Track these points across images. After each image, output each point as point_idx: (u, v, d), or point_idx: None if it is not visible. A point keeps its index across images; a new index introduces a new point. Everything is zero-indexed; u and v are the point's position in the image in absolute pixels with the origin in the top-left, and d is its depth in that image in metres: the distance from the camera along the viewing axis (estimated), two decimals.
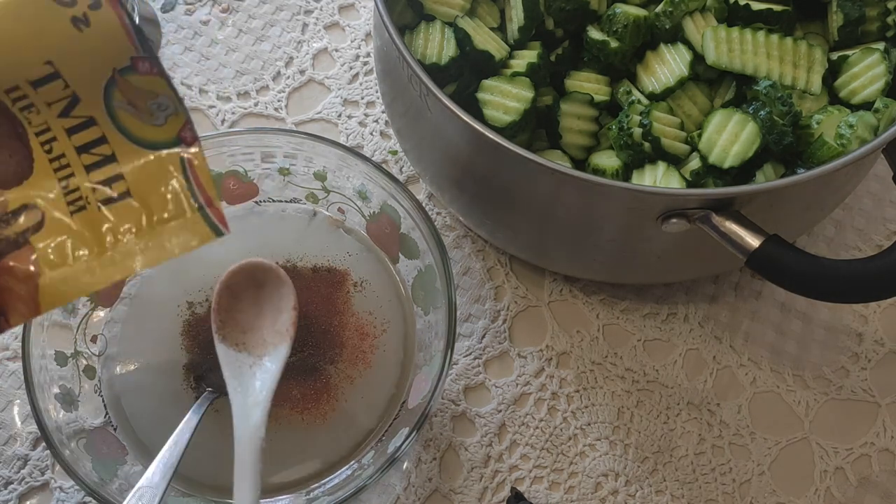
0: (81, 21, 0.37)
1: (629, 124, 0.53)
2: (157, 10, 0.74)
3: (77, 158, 0.38)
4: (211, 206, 0.40)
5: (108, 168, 0.39)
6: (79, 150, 0.39)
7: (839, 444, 0.60)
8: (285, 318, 0.48)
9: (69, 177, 0.38)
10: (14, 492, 0.56)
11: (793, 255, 0.45)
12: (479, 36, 0.56)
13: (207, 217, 0.40)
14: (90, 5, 0.37)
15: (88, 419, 0.52)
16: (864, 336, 0.63)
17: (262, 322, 0.48)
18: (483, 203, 0.57)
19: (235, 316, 0.48)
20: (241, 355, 0.47)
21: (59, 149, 0.38)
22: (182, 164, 0.40)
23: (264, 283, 0.49)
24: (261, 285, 0.49)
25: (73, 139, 0.38)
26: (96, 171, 0.39)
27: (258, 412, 0.45)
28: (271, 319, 0.48)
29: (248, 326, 0.48)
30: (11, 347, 0.60)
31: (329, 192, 0.60)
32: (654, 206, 0.48)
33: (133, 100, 0.39)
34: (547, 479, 0.58)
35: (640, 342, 0.62)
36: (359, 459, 0.53)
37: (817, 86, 0.55)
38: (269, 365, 0.46)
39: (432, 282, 0.54)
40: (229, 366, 0.46)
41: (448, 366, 0.50)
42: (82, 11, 0.37)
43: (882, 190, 0.68)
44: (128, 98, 0.39)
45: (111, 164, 0.39)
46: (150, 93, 0.39)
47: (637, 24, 0.56)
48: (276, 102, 0.71)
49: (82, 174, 0.38)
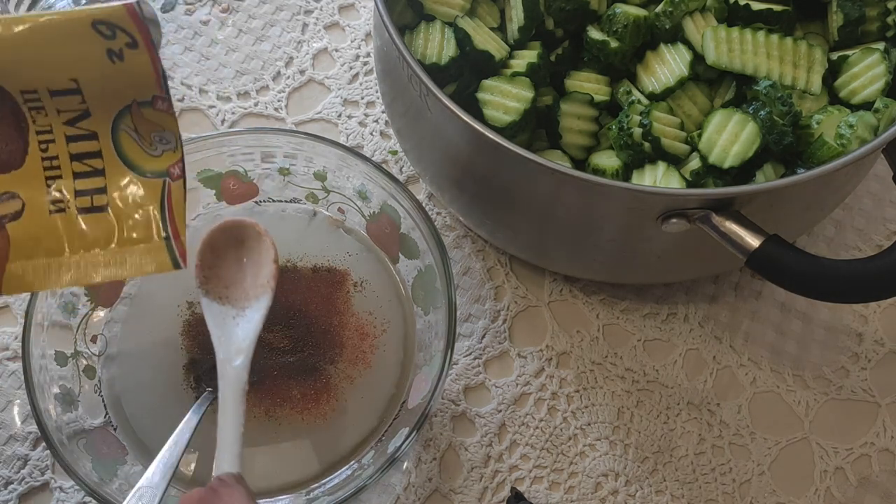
0: (116, 55, 0.39)
1: (629, 124, 0.53)
2: (157, 10, 0.74)
3: (69, 164, 0.40)
4: (177, 238, 0.43)
5: (95, 180, 0.41)
6: (72, 157, 0.40)
7: (839, 444, 0.60)
8: (266, 271, 0.49)
9: (57, 178, 0.40)
10: (14, 492, 0.56)
11: (793, 255, 0.45)
12: (479, 36, 0.56)
13: (171, 248, 0.42)
14: (128, 43, 0.39)
15: (88, 419, 0.52)
16: (864, 336, 0.63)
17: (244, 276, 0.50)
18: (483, 203, 0.57)
19: (218, 272, 0.49)
20: (224, 308, 0.48)
21: (55, 151, 0.40)
22: (162, 194, 0.42)
23: (244, 239, 0.50)
24: (241, 242, 0.50)
25: (71, 146, 0.40)
26: (83, 180, 0.41)
27: (241, 358, 0.46)
28: (253, 273, 0.50)
29: (230, 281, 0.49)
30: (11, 347, 0.60)
31: (329, 192, 0.60)
32: (654, 206, 0.48)
33: (140, 128, 0.41)
34: (547, 479, 0.58)
35: (640, 342, 0.62)
36: (359, 459, 0.53)
37: (817, 86, 0.55)
38: (251, 315, 0.48)
39: (432, 282, 0.54)
40: (213, 318, 0.48)
41: (448, 366, 0.50)
42: (119, 47, 0.39)
43: (882, 190, 0.68)
44: (136, 125, 0.41)
45: (99, 177, 0.41)
46: (158, 126, 0.41)
47: (637, 24, 0.56)
48: (276, 102, 0.71)
49: (70, 179, 0.40)
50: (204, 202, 0.60)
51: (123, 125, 0.41)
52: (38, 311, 0.51)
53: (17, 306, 0.62)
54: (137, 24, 0.39)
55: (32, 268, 0.40)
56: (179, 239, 0.43)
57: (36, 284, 0.42)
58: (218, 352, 0.47)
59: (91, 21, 0.38)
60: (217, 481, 0.41)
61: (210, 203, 0.60)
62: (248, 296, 0.49)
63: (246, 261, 0.50)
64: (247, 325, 0.48)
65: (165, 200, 0.42)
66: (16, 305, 0.62)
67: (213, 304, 0.48)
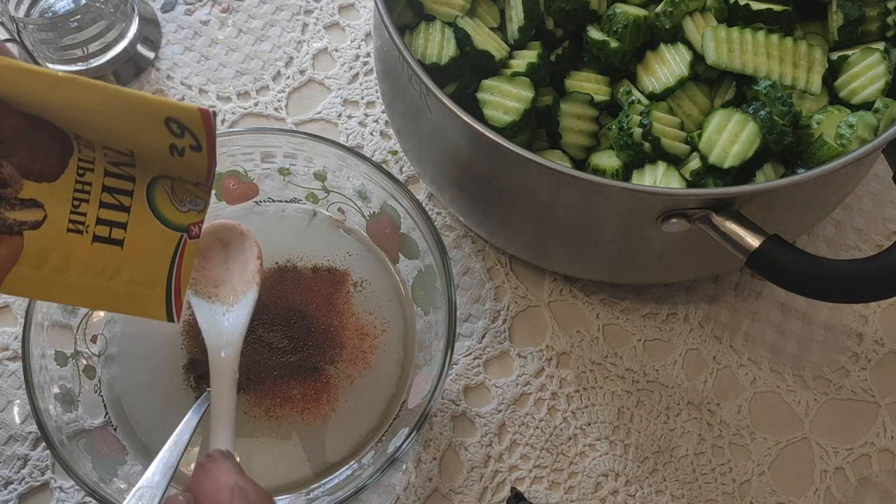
0: (178, 151, 0.40)
1: (629, 124, 0.53)
2: (157, 10, 0.74)
3: (99, 193, 0.42)
4: (177, 295, 0.45)
5: (119, 214, 0.42)
6: (104, 188, 0.42)
7: (839, 444, 0.60)
8: (251, 267, 0.51)
9: (83, 202, 0.41)
10: (14, 492, 0.56)
11: (793, 255, 0.45)
12: (479, 36, 0.56)
13: (169, 302, 0.45)
14: (192, 146, 0.40)
15: (88, 419, 0.52)
16: (864, 336, 0.63)
17: (232, 275, 0.52)
18: (483, 203, 0.57)
19: (206, 273, 0.51)
20: (214, 305, 0.50)
21: (90, 178, 0.41)
22: (177, 247, 0.44)
23: (229, 241, 0.52)
24: (226, 243, 0.52)
25: (106, 180, 0.42)
26: (108, 211, 0.42)
27: (231, 350, 0.49)
28: (239, 271, 0.52)
29: (218, 280, 0.51)
30: (11, 347, 0.60)
31: (329, 192, 0.60)
32: (654, 206, 0.48)
33: (177, 190, 0.43)
34: (547, 479, 0.58)
35: (640, 342, 0.62)
36: (359, 459, 0.53)
37: (817, 86, 0.55)
38: (239, 310, 0.50)
39: (432, 282, 0.54)
40: (203, 315, 0.50)
41: (448, 366, 0.50)
42: (183, 146, 0.40)
43: (882, 190, 0.68)
44: (174, 187, 0.43)
45: (123, 213, 0.42)
46: (194, 193, 0.44)
47: (637, 24, 0.56)
48: (276, 102, 0.71)
49: (95, 207, 0.42)
50: None
51: (162, 182, 0.43)
52: (38, 311, 0.51)
53: (17, 306, 0.62)
54: (207, 131, 0.40)
55: (35, 278, 0.41)
56: (179, 296, 0.45)
57: (34, 294, 0.44)
58: (209, 345, 0.49)
59: (165, 117, 0.39)
60: (205, 458, 0.41)
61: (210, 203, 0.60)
62: (235, 292, 0.51)
63: (231, 260, 0.52)
64: (235, 320, 0.50)
65: (178, 255, 0.44)
66: (16, 305, 0.62)
67: (202, 302, 0.50)
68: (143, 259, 0.43)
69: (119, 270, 0.43)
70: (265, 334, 0.54)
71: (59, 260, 0.41)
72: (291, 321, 0.55)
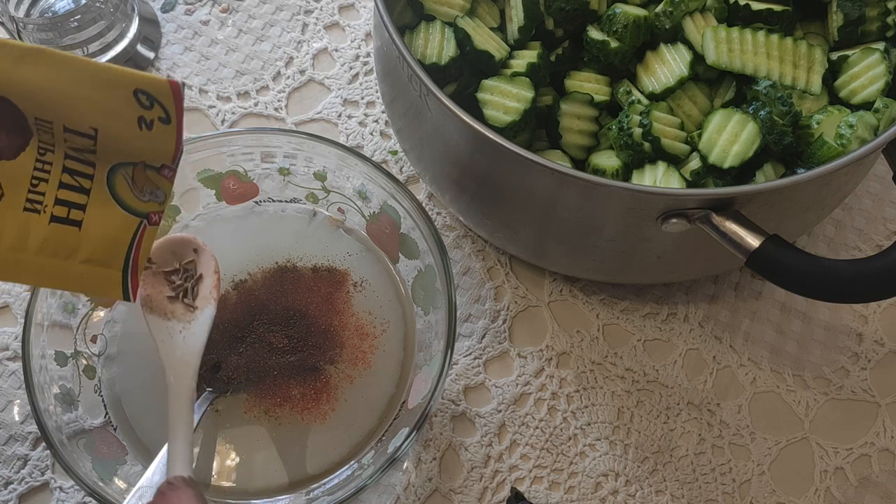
0: (146, 124, 0.40)
1: (629, 124, 0.53)
2: (157, 10, 0.74)
3: (59, 174, 0.41)
4: (135, 274, 0.44)
5: (79, 195, 0.41)
6: (65, 170, 0.41)
7: (839, 444, 0.60)
8: (208, 282, 0.50)
9: (42, 181, 0.40)
10: (14, 492, 0.56)
11: (793, 255, 0.45)
12: (479, 36, 0.56)
13: (126, 281, 0.44)
14: (161, 118, 0.40)
15: (88, 419, 0.52)
16: (864, 336, 0.63)
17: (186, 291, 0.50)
18: (483, 203, 0.57)
19: (161, 289, 0.50)
20: (170, 323, 0.49)
21: (51, 158, 0.40)
22: (135, 232, 0.43)
23: (185, 256, 0.51)
24: (182, 258, 0.51)
25: (67, 162, 0.41)
26: (67, 192, 0.41)
27: (189, 370, 0.47)
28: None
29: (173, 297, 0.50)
30: (11, 347, 0.60)
31: (329, 192, 0.60)
32: (654, 206, 0.48)
33: (138, 179, 0.42)
34: (547, 479, 0.58)
35: (640, 342, 0.62)
36: (359, 459, 0.53)
37: (817, 86, 0.55)
38: (196, 328, 0.49)
39: (432, 282, 0.54)
40: (159, 333, 0.49)
41: (448, 366, 0.50)
42: (152, 118, 0.40)
43: (882, 190, 0.68)
44: (135, 176, 0.42)
45: (83, 195, 0.41)
46: (154, 185, 0.43)
47: (637, 24, 0.56)
48: (276, 102, 0.71)
49: (54, 187, 0.40)
50: (204, 202, 0.60)
51: (122, 170, 0.42)
52: (38, 311, 0.51)
53: (17, 306, 0.62)
54: (177, 103, 0.39)
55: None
56: (136, 276, 0.44)
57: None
58: (165, 364, 0.48)
59: (135, 87, 0.39)
60: (166, 485, 0.41)
61: (210, 203, 0.60)
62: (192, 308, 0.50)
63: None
64: (192, 338, 0.48)
65: (136, 239, 0.43)
66: (16, 305, 0.62)
67: (157, 320, 0.49)
68: (101, 240, 0.42)
69: (76, 250, 0.42)
70: (265, 334, 0.54)
71: (13, 239, 0.40)
72: (291, 321, 0.55)
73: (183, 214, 0.60)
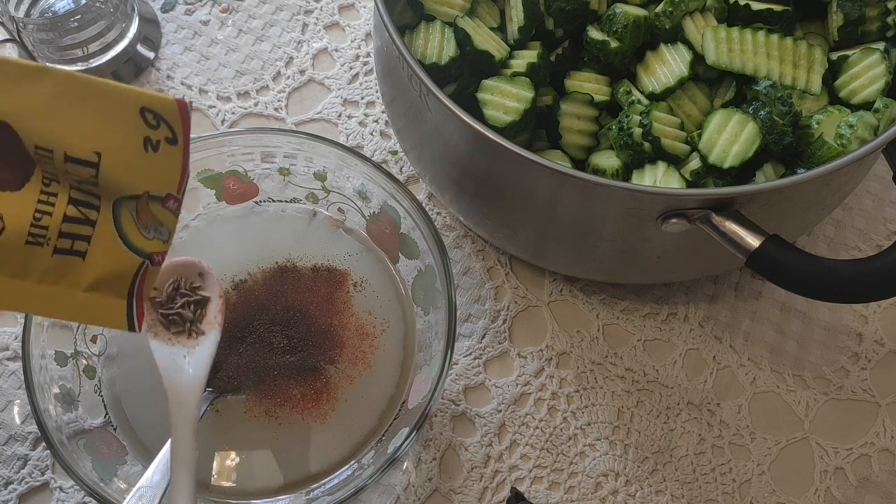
0: (153, 145, 0.38)
1: (629, 124, 0.53)
2: (157, 10, 0.74)
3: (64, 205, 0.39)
4: (140, 302, 0.42)
5: (83, 227, 0.40)
6: (70, 201, 0.39)
7: (839, 444, 0.60)
8: (213, 306, 0.48)
9: (45, 214, 0.39)
10: (14, 492, 0.56)
11: (793, 255, 0.45)
12: (479, 36, 0.56)
13: (131, 309, 0.42)
14: (168, 138, 0.38)
15: (88, 419, 0.52)
16: (864, 336, 0.63)
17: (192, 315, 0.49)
18: (483, 203, 0.57)
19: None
20: (174, 348, 0.47)
21: (56, 189, 0.39)
22: (138, 270, 0.42)
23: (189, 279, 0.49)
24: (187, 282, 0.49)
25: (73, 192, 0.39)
26: (72, 225, 0.39)
27: (193, 396, 0.46)
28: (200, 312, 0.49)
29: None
30: (11, 347, 0.60)
31: (329, 192, 0.60)
32: (654, 206, 0.48)
33: (142, 214, 0.41)
34: (547, 479, 0.58)
35: (640, 342, 0.62)
36: (359, 459, 0.53)
37: (817, 86, 0.55)
38: (200, 353, 0.47)
39: (432, 282, 0.54)
40: (163, 359, 0.47)
41: (448, 366, 0.50)
42: (158, 139, 0.38)
43: (882, 190, 0.68)
44: (139, 211, 0.41)
45: (87, 227, 0.40)
46: (158, 220, 0.41)
47: (637, 24, 0.56)
48: (276, 102, 0.71)
49: (59, 220, 0.39)
50: (204, 202, 0.60)
51: (127, 206, 0.41)
52: None
53: None
54: (184, 122, 0.38)
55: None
56: (142, 304, 0.43)
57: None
58: (169, 391, 0.46)
59: (140, 106, 0.37)
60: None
61: (210, 203, 0.60)
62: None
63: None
64: (197, 363, 0.47)
65: (139, 277, 0.42)
66: None
67: (162, 345, 0.47)
68: (105, 270, 0.41)
69: (79, 280, 0.41)
70: (265, 334, 0.54)
71: (16, 268, 0.39)
72: (291, 321, 0.55)
73: (183, 214, 0.59)
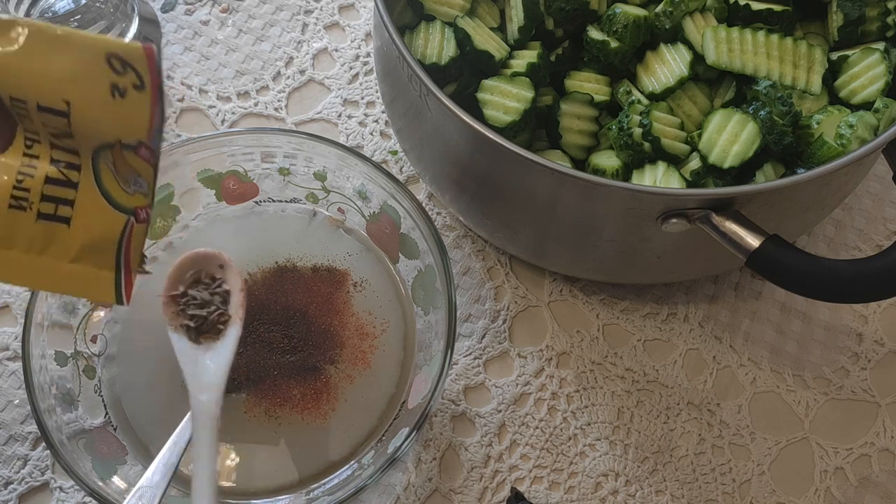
0: (120, 91, 0.38)
1: (629, 124, 0.53)
2: (157, 10, 0.74)
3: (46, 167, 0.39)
4: (128, 275, 0.41)
5: (66, 190, 0.39)
6: (52, 161, 0.39)
7: (839, 444, 0.60)
8: (234, 300, 0.47)
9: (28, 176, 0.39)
10: (14, 492, 0.56)
11: (793, 255, 0.45)
12: (479, 36, 0.56)
13: (119, 282, 0.41)
14: (135, 84, 0.38)
15: (88, 419, 0.52)
16: (864, 336, 0.63)
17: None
18: (483, 203, 0.57)
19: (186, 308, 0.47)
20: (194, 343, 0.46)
21: (37, 151, 0.39)
22: (123, 230, 0.41)
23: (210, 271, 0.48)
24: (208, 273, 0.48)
25: (53, 152, 0.39)
26: (54, 187, 0.39)
27: (214, 394, 0.45)
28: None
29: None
30: (11, 347, 0.60)
31: (329, 192, 0.60)
32: (654, 206, 0.48)
33: (119, 166, 0.40)
34: (547, 479, 0.58)
35: (640, 342, 0.62)
36: (359, 459, 0.53)
37: (817, 86, 0.55)
38: (222, 348, 0.46)
39: (432, 282, 0.54)
40: (184, 354, 0.46)
41: (448, 366, 0.50)
42: (125, 85, 0.38)
43: (882, 190, 0.68)
44: (115, 162, 0.40)
45: (70, 189, 0.40)
46: (135, 171, 0.40)
47: (637, 24, 0.56)
48: (276, 102, 0.71)
49: (40, 182, 0.39)
50: (204, 202, 0.60)
51: (103, 158, 0.40)
52: (37, 311, 0.51)
53: (17, 306, 0.62)
54: (151, 68, 0.38)
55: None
56: (130, 277, 0.42)
57: None
58: (190, 388, 0.45)
59: (106, 52, 0.37)
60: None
61: (210, 203, 0.60)
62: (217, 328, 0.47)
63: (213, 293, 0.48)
64: (218, 359, 0.46)
65: (125, 238, 0.41)
66: (16, 305, 0.62)
67: (181, 339, 0.46)
68: (91, 239, 0.40)
69: (66, 249, 0.40)
70: (265, 334, 0.54)
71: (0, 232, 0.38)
72: (291, 321, 0.55)
73: (183, 214, 0.60)
